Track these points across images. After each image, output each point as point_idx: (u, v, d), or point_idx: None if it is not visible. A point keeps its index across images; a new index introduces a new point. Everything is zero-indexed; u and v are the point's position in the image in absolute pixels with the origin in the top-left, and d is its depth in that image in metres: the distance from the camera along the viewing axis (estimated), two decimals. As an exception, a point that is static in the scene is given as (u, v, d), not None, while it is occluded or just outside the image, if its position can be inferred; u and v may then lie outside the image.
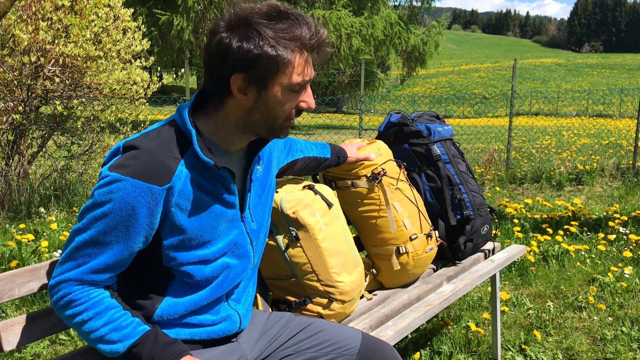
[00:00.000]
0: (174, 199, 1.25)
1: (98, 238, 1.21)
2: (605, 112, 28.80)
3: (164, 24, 17.08)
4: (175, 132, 1.28)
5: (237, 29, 1.21)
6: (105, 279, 1.26)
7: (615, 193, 6.86)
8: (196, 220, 1.29)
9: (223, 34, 1.21)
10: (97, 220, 1.21)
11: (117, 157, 1.25)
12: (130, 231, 1.22)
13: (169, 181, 1.23)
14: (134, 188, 1.19)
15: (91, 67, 5.46)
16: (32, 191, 5.21)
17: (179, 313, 1.34)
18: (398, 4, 24.79)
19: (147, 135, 1.27)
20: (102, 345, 1.24)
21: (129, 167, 1.20)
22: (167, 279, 1.34)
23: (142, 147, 1.23)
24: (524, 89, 41.11)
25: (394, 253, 2.10)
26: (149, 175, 1.21)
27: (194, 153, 1.27)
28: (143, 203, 1.20)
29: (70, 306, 1.23)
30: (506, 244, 4.35)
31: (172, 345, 1.27)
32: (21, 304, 3.14)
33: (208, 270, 1.34)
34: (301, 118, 16.33)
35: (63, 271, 1.24)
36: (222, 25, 1.22)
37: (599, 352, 2.76)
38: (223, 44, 1.21)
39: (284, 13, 1.22)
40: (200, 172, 1.28)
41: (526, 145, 11.30)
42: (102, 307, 1.24)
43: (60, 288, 1.24)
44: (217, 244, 1.35)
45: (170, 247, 1.29)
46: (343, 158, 2.03)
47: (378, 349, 1.51)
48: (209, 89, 1.30)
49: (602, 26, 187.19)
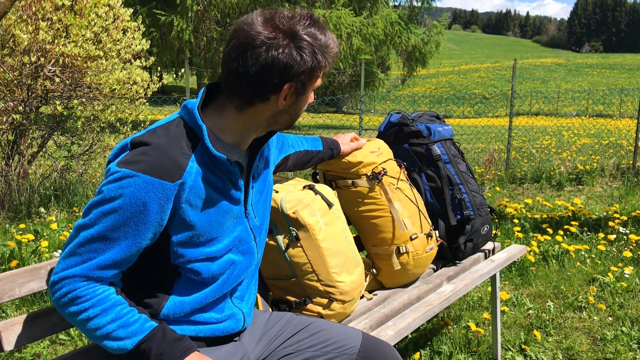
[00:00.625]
0: (185, 195, 1.25)
1: (106, 234, 1.20)
2: (606, 112, 28.79)
3: (164, 24, 17.08)
4: (184, 127, 1.29)
5: (287, 40, 1.23)
6: (111, 275, 1.25)
7: (615, 193, 6.86)
8: (205, 217, 1.30)
9: (275, 47, 1.22)
10: (105, 215, 1.20)
11: (125, 153, 1.24)
12: (140, 227, 1.22)
13: (181, 177, 1.23)
14: (146, 184, 1.19)
15: (91, 67, 5.46)
16: (32, 191, 5.21)
17: (185, 311, 1.35)
18: (398, 4, 24.80)
19: (156, 132, 1.27)
20: (109, 342, 1.23)
21: (140, 163, 1.20)
22: (174, 276, 1.34)
23: (153, 143, 1.23)
24: (524, 89, 41.10)
25: (394, 253, 2.10)
26: (161, 171, 1.21)
27: (204, 149, 1.28)
28: (154, 199, 1.20)
29: (75, 303, 1.22)
30: (506, 244, 4.35)
31: (180, 342, 1.27)
32: (21, 304, 3.14)
33: (215, 268, 1.35)
34: (301, 118, 16.32)
35: (67, 267, 1.22)
36: (268, 37, 1.23)
37: (599, 352, 2.76)
38: (280, 57, 1.22)
39: (317, 21, 1.28)
40: (210, 168, 1.29)
41: (526, 145, 11.30)
42: (109, 304, 1.23)
43: (64, 284, 1.22)
44: (224, 240, 1.35)
45: (179, 244, 1.29)
46: (337, 150, 2.04)
47: (378, 348, 1.51)
48: (232, 91, 1.29)
49: (602, 26, 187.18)
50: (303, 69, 1.25)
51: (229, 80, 1.28)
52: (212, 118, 1.32)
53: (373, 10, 20.42)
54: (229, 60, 1.26)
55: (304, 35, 1.25)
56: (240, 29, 1.25)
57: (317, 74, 1.30)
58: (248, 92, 1.27)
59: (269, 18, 1.25)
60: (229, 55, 1.26)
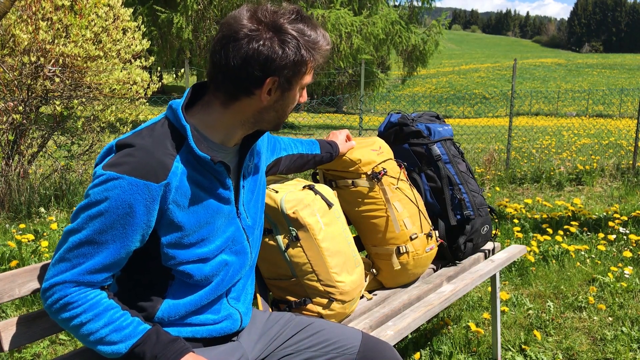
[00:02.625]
0: (171, 195, 1.24)
1: (94, 237, 1.20)
2: (606, 112, 28.80)
3: (163, 22, 17.07)
4: (169, 128, 1.28)
5: (270, 34, 1.22)
6: (102, 280, 1.24)
7: (615, 193, 6.86)
8: (193, 217, 1.29)
9: (257, 39, 1.21)
10: (92, 219, 1.19)
11: (111, 156, 1.24)
12: (127, 230, 1.21)
13: (166, 178, 1.22)
14: (131, 186, 1.19)
15: (91, 67, 5.46)
16: (32, 191, 5.21)
17: (179, 314, 1.34)
18: (398, 4, 24.80)
19: (140, 133, 1.27)
20: (103, 346, 1.22)
21: (124, 165, 1.20)
22: (167, 279, 1.34)
23: (137, 145, 1.23)
24: (524, 89, 41.12)
25: (394, 253, 2.10)
26: (146, 173, 1.20)
27: (189, 149, 1.27)
28: (140, 201, 1.20)
29: (67, 309, 1.21)
30: (506, 244, 4.35)
31: (175, 343, 1.26)
32: (21, 304, 3.14)
33: (207, 269, 1.34)
34: (301, 118, 16.33)
35: (57, 273, 1.21)
36: (251, 29, 1.22)
37: (599, 352, 2.76)
38: (262, 50, 1.21)
39: (305, 17, 1.26)
40: (196, 168, 1.28)
41: (526, 145, 11.30)
42: (101, 308, 1.23)
43: (55, 291, 1.21)
44: (215, 241, 1.34)
45: (168, 245, 1.29)
46: (335, 153, 2.03)
47: (378, 349, 1.51)
48: (217, 86, 1.29)
49: (602, 26, 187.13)
50: (285, 63, 1.23)
51: (213, 75, 1.28)
52: (198, 116, 1.31)
53: (373, 10, 20.43)
54: (213, 53, 1.26)
55: (291, 29, 1.23)
56: (225, 22, 1.25)
57: (303, 69, 1.28)
58: (231, 85, 1.26)
59: (254, 12, 1.24)
60: (214, 48, 1.26)
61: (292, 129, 18.39)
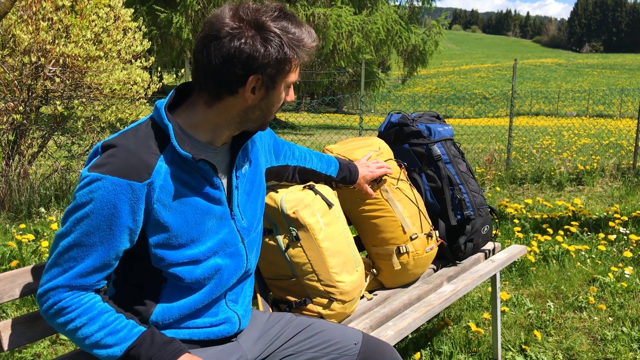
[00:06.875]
0: (156, 194, 1.23)
1: (82, 240, 1.20)
2: (606, 112, 28.80)
3: (162, 21, 17.06)
4: (153, 128, 1.28)
5: (252, 32, 1.21)
6: (94, 282, 1.24)
7: (616, 193, 6.86)
8: (181, 217, 1.28)
9: (238, 37, 1.20)
10: (79, 222, 1.20)
11: (97, 157, 1.24)
12: (114, 230, 1.21)
13: (149, 177, 1.22)
14: (114, 186, 1.19)
15: (91, 67, 5.46)
16: (33, 191, 5.21)
17: (174, 317, 1.34)
18: (399, 4, 24.79)
19: (125, 134, 1.27)
20: (98, 350, 1.23)
21: (107, 166, 1.20)
22: (160, 282, 1.33)
23: (120, 145, 1.23)
24: (525, 89, 41.11)
25: (394, 253, 2.10)
26: (128, 172, 1.20)
27: (172, 148, 1.26)
28: (124, 200, 1.20)
29: (62, 314, 1.22)
30: (506, 244, 4.35)
31: (170, 344, 1.26)
32: (21, 304, 3.14)
33: (199, 272, 1.32)
34: (302, 118, 16.33)
35: (50, 278, 1.22)
36: (232, 27, 1.21)
37: (599, 352, 2.76)
38: (243, 48, 1.20)
39: (289, 14, 1.25)
40: (181, 167, 1.28)
41: (526, 145, 11.30)
42: (95, 312, 1.23)
43: (49, 296, 1.22)
44: (206, 242, 1.33)
45: (156, 246, 1.28)
46: (351, 181, 1.96)
47: (379, 349, 1.51)
48: (201, 86, 1.28)
49: (603, 26, 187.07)
50: (267, 61, 1.22)
51: (197, 74, 1.27)
52: (183, 115, 1.31)
53: (373, 9, 20.43)
54: (196, 52, 1.25)
55: (273, 27, 1.22)
56: (208, 21, 1.25)
57: (286, 67, 1.26)
58: (213, 84, 1.26)
59: (236, 10, 1.23)
60: (197, 47, 1.25)
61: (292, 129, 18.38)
